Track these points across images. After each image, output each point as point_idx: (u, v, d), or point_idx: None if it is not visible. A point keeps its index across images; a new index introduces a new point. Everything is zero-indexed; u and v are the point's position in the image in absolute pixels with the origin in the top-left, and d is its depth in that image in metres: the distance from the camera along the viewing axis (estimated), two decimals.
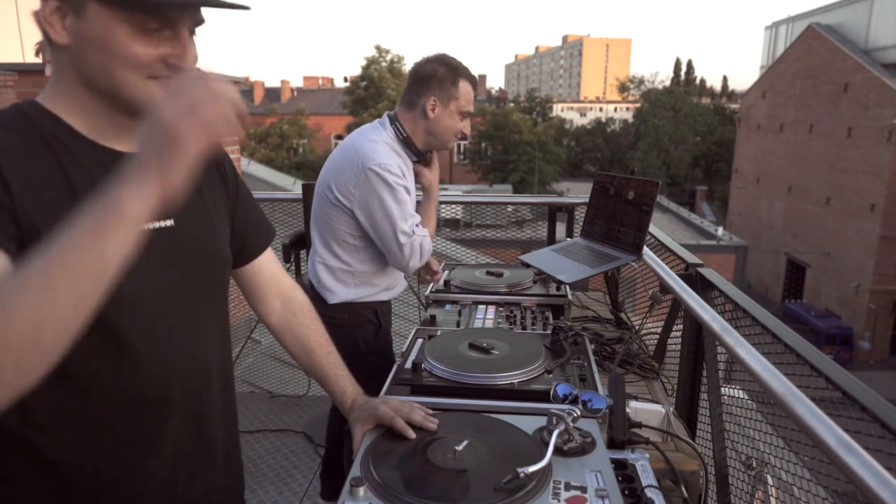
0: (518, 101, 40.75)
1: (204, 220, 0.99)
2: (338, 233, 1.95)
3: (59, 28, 0.80)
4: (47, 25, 0.79)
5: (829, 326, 18.98)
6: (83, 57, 0.81)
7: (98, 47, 0.80)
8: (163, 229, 0.90)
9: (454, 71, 1.96)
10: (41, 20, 0.79)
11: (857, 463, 0.89)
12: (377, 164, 1.84)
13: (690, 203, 37.02)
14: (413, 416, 1.10)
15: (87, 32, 0.79)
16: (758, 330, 1.45)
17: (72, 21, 0.79)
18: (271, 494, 2.66)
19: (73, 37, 0.80)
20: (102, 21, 0.78)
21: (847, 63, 20.25)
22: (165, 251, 0.90)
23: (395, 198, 1.86)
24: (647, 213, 2.07)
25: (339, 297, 1.99)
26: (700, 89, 49.16)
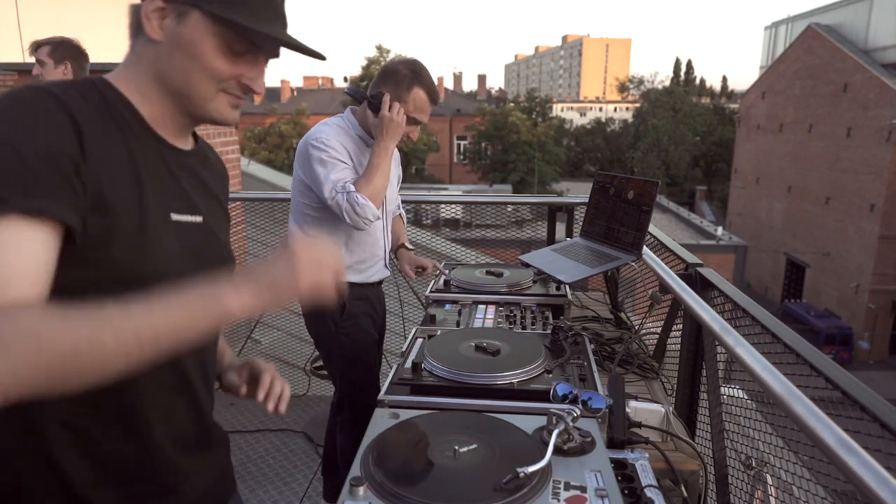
0: (518, 101, 40.75)
1: (222, 221, 1.06)
2: (302, 207, 2.05)
3: (156, 25, 0.86)
4: (146, 20, 0.85)
5: (829, 326, 18.99)
6: (169, 56, 0.87)
7: (187, 52, 0.87)
8: (193, 223, 0.94)
9: (415, 76, 1.98)
10: (143, 15, 0.85)
11: (857, 463, 0.89)
12: (314, 139, 1.96)
13: (690, 203, 37.02)
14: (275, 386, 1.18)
15: (181, 37, 0.86)
16: (757, 330, 1.45)
17: (170, 23, 0.86)
18: (271, 494, 2.66)
19: (167, 37, 0.86)
20: (199, 31, 0.86)
21: (847, 63, 20.26)
22: (195, 244, 0.94)
23: (323, 163, 1.93)
24: (647, 212, 2.07)
25: None
26: (700, 89, 49.15)
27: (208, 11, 0.85)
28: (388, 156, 1.98)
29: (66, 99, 0.79)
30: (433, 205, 5.84)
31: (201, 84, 0.89)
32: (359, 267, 2.11)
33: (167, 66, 0.88)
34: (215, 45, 0.87)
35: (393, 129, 1.96)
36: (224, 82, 0.89)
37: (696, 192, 39.36)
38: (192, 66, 0.87)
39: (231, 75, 0.89)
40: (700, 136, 39.49)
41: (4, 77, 4.46)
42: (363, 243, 2.09)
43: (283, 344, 4.24)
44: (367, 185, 1.92)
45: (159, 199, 0.88)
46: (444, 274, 2.31)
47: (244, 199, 4.07)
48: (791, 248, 23.37)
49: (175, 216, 0.90)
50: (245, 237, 4.56)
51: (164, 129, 0.92)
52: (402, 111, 1.96)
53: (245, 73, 0.90)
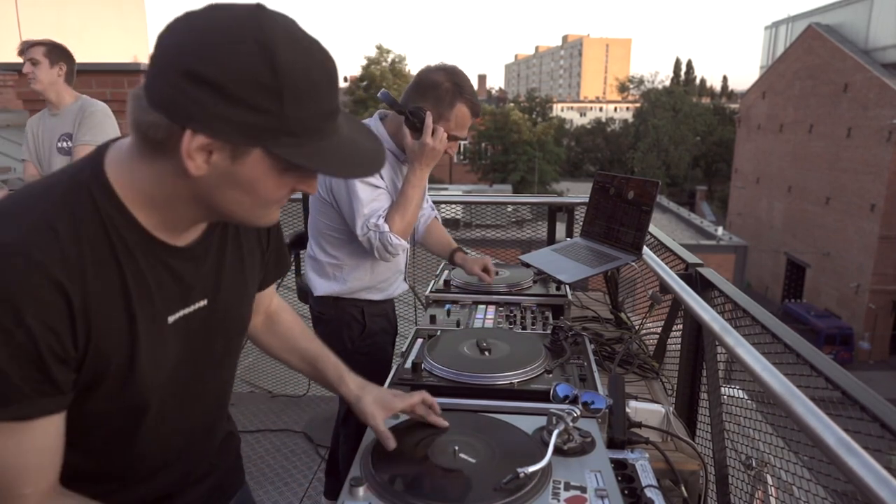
0: (518, 101, 40.75)
1: (239, 288, 0.97)
2: (324, 227, 1.95)
3: (200, 162, 0.71)
4: (188, 159, 0.71)
5: (829, 326, 18.99)
6: (217, 190, 0.76)
7: (244, 189, 0.75)
8: (195, 311, 0.89)
9: (458, 90, 1.81)
10: (185, 153, 0.70)
11: (857, 463, 0.89)
12: None
13: (690, 203, 37.03)
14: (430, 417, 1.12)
15: (236, 175, 0.74)
16: (758, 330, 1.45)
17: (221, 160, 0.72)
18: (271, 494, 2.66)
19: (216, 173, 0.73)
20: (259, 169, 0.74)
21: (847, 63, 20.26)
22: (196, 332, 0.89)
23: (356, 192, 1.81)
24: (647, 213, 2.07)
25: (323, 289, 1.98)
26: (700, 89, 49.17)
27: (273, 152, 0.72)
28: (423, 185, 1.85)
29: (54, 259, 0.70)
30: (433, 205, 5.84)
31: (257, 210, 0.80)
32: (381, 286, 2.03)
33: (214, 198, 0.77)
34: (275, 176, 0.75)
35: (433, 157, 1.82)
36: (281, 200, 0.80)
37: (696, 192, 39.37)
38: (248, 198, 0.77)
39: (288, 189, 0.79)
40: (700, 136, 39.50)
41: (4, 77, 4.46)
42: (386, 263, 1.99)
43: None
44: (401, 220, 1.80)
45: (153, 308, 0.81)
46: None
47: None
48: (791, 248, 23.38)
49: (173, 316, 0.85)
50: None
51: (170, 232, 0.82)
52: (444, 138, 1.80)
53: (302, 183, 0.79)
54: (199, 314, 0.89)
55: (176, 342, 0.86)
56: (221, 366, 0.99)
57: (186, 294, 0.87)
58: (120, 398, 0.81)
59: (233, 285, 0.95)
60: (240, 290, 0.98)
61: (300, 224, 3.27)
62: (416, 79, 1.87)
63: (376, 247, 1.80)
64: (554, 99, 48.62)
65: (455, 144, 1.90)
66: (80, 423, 0.79)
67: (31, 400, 0.71)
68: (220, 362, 0.98)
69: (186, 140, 0.69)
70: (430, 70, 1.85)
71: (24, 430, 0.73)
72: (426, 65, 1.90)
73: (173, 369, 0.87)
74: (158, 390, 0.85)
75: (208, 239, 0.89)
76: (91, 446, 0.84)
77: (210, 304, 0.91)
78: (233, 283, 0.95)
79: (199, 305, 0.89)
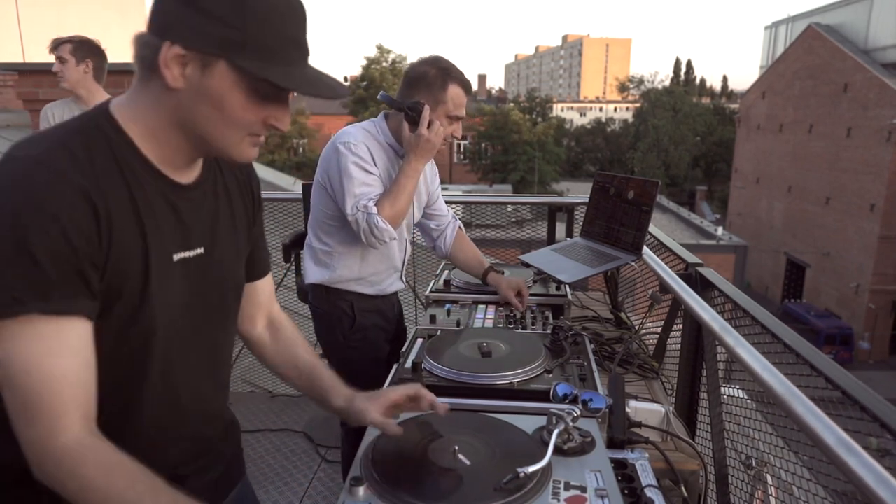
0: (518, 101, 40.76)
1: (231, 245, 1.02)
2: (320, 214, 1.98)
3: (177, 74, 0.80)
4: (165, 68, 0.79)
5: (829, 326, 18.99)
6: (190, 105, 0.83)
7: (213, 104, 0.82)
8: (194, 258, 0.93)
9: (445, 73, 1.89)
10: (162, 62, 0.79)
11: (857, 462, 0.89)
12: (342, 143, 1.88)
13: (690, 203, 37.02)
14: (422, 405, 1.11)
15: (205, 87, 0.81)
16: (757, 330, 1.45)
17: (193, 72, 0.80)
18: (271, 494, 2.66)
19: (188, 85, 0.81)
20: (225, 82, 0.81)
21: (847, 63, 20.25)
22: (194, 279, 0.93)
23: (349, 172, 1.84)
24: (647, 212, 2.07)
25: (313, 276, 2.01)
26: (700, 89, 49.17)
27: (236, 65, 0.80)
28: (416, 176, 1.88)
29: (76, 170, 0.77)
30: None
31: (228, 132, 0.86)
32: (372, 279, 2.03)
33: (190, 115, 0.84)
34: (242, 94, 0.83)
35: (428, 149, 1.86)
36: (251, 128, 0.87)
37: (696, 192, 39.36)
38: (218, 116, 0.84)
39: (258, 120, 0.86)
40: (700, 136, 39.48)
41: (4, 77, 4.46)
42: (378, 255, 2.00)
43: None
44: (391, 207, 1.82)
45: (162, 243, 0.87)
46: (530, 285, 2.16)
47: None
48: (791, 248, 23.37)
49: (177, 255, 0.90)
50: None
51: (171, 166, 0.89)
52: (439, 131, 1.86)
53: (271, 113, 0.87)
54: (198, 262, 0.94)
55: (180, 283, 0.90)
56: (219, 324, 1.01)
57: (187, 235, 0.92)
58: (131, 326, 0.84)
59: (227, 240, 1.00)
60: (233, 247, 1.03)
61: (300, 224, 3.27)
62: (405, 76, 1.95)
63: (363, 228, 1.81)
64: (554, 99, 48.61)
65: (459, 125, 1.97)
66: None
67: (70, 297, 0.76)
68: (218, 320, 1.01)
69: (164, 51, 0.79)
70: (415, 65, 1.95)
71: (64, 331, 0.76)
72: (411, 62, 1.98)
73: (178, 311, 0.90)
74: (165, 329, 0.88)
75: (202, 187, 0.96)
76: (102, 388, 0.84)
77: (207, 253, 0.95)
78: (227, 238, 1.00)
79: (197, 252, 0.94)
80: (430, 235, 2.30)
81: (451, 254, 2.29)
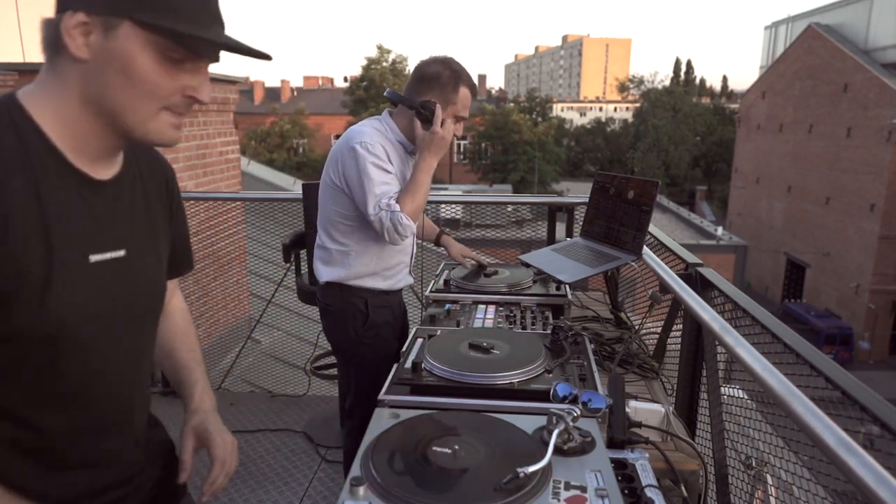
0: (518, 101, 40.76)
1: (152, 245, 0.98)
2: (334, 215, 2.00)
3: (80, 43, 0.76)
4: (68, 38, 0.76)
5: (829, 326, 18.99)
6: (100, 75, 0.78)
7: (120, 69, 0.78)
8: (114, 260, 0.88)
9: (457, 76, 1.95)
10: (64, 31, 0.76)
11: (857, 462, 0.89)
12: (358, 143, 1.90)
13: (690, 203, 37.01)
14: (219, 480, 1.05)
15: (111, 52, 0.77)
16: (757, 330, 1.45)
17: (97, 38, 0.77)
18: (271, 494, 2.66)
19: (95, 54, 0.77)
20: (131, 44, 0.77)
21: (847, 63, 20.26)
22: (114, 282, 0.88)
23: (367, 172, 1.87)
24: (647, 212, 2.07)
25: (327, 275, 2.04)
26: (700, 89, 49.14)
27: (140, 21, 0.76)
28: (431, 172, 1.94)
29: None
30: (433, 204, 5.83)
31: (140, 103, 0.80)
32: (386, 273, 2.06)
33: (98, 87, 0.79)
34: (152, 57, 0.78)
35: (442, 146, 1.93)
36: (166, 98, 0.81)
37: (696, 192, 39.37)
38: (127, 84, 0.79)
39: (173, 89, 0.81)
40: (700, 136, 39.49)
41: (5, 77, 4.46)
42: (393, 250, 2.04)
43: (283, 344, 4.25)
44: (412, 203, 1.87)
45: (72, 243, 0.81)
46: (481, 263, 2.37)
47: (244, 199, 4.08)
48: (791, 248, 23.38)
49: (94, 257, 0.84)
50: (245, 237, 4.56)
51: (85, 157, 0.84)
52: (450, 128, 1.94)
53: (187, 83, 0.82)
54: (118, 264, 0.89)
55: (95, 286, 0.85)
56: (141, 330, 0.97)
57: (105, 235, 0.87)
58: (31, 331, 0.78)
59: (147, 242, 0.96)
60: (154, 250, 0.99)
61: (300, 224, 3.27)
62: (417, 74, 1.99)
63: (387, 227, 1.85)
64: (554, 99, 48.60)
65: (461, 125, 2.04)
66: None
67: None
68: (141, 326, 0.96)
69: (66, 20, 0.75)
70: (427, 64, 1.99)
71: None
72: (420, 60, 2.03)
73: (94, 316, 0.85)
74: (75, 335, 0.83)
75: (120, 183, 0.91)
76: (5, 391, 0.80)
77: (128, 255, 0.91)
78: (147, 240, 0.96)
79: (118, 254, 0.89)
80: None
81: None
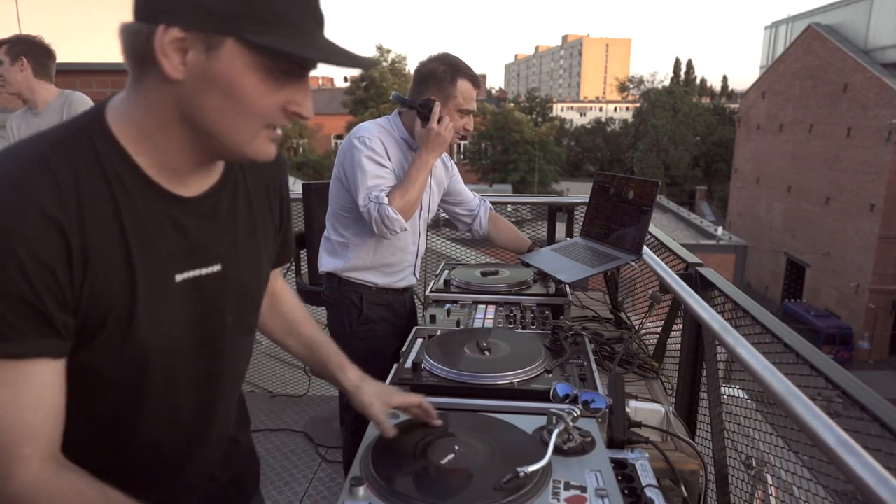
0: (518, 101, 40.76)
1: (252, 260, 0.94)
2: (337, 207, 2.04)
3: (176, 62, 0.69)
4: (163, 57, 0.69)
5: (829, 326, 18.99)
6: (196, 97, 0.72)
7: (223, 91, 0.72)
8: (207, 276, 0.85)
9: (453, 69, 1.95)
10: (158, 49, 0.68)
11: (857, 462, 0.89)
12: (358, 137, 1.94)
13: (690, 203, 37.02)
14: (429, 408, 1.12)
15: (212, 73, 0.70)
16: (757, 329, 1.45)
17: (196, 57, 0.70)
18: (271, 494, 2.66)
19: (193, 74, 0.70)
20: (236, 63, 0.70)
21: (846, 63, 20.26)
22: (208, 296, 0.86)
23: (362, 165, 1.90)
24: (647, 212, 2.07)
25: (327, 265, 2.08)
26: (700, 89, 49.13)
27: (246, 39, 0.69)
28: (427, 169, 1.94)
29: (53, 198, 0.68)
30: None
31: (242, 125, 0.74)
32: (385, 270, 2.07)
33: (196, 109, 0.73)
34: (256, 76, 0.72)
35: (439, 143, 1.93)
36: (268, 117, 0.75)
37: (696, 192, 39.38)
38: (229, 106, 0.72)
39: (276, 106, 0.75)
40: (700, 136, 39.51)
41: None
42: (391, 246, 2.05)
43: None
44: (402, 198, 1.88)
45: (157, 265, 0.78)
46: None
47: None
48: (791, 248, 23.38)
49: (181, 276, 0.81)
50: None
51: (173, 176, 0.79)
52: (449, 126, 1.94)
53: (290, 97, 0.75)
54: (212, 280, 0.85)
55: (184, 305, 0.82)
56: (234, 343, 0.94)
57: (196, 253, 0.83)
58: (119, 356, 0.77)
59: (247, 254, 0.91)
60: (254, 261, 0.94)
61: (300, 224, 3.27)
62: (416, 75, 2.01)
63: (374, 218, 1.86)
64: (554, 99, 48.63)
65: (470, 118, 2.04)
66: (80, 385, 0.76)
67: (27, 339, 0.68)
68: (233, 339, 0.93)
69: (159, 36, 0.68)
70: (424, 63, 2.01)
71: (21, 376, 0.69)
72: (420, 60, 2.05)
73: (180, 334, 0.83)
74: (161, 353, 0.81)
75: (217, 195, 0.86)
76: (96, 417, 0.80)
77: (224, 270, 0.87)
78: (246, 252, 0.91)
79: (212, 270, 0.85)
80: (462, 221, 2.43)
81: (488, 234, 2.44)
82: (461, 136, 2.07)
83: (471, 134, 2.24)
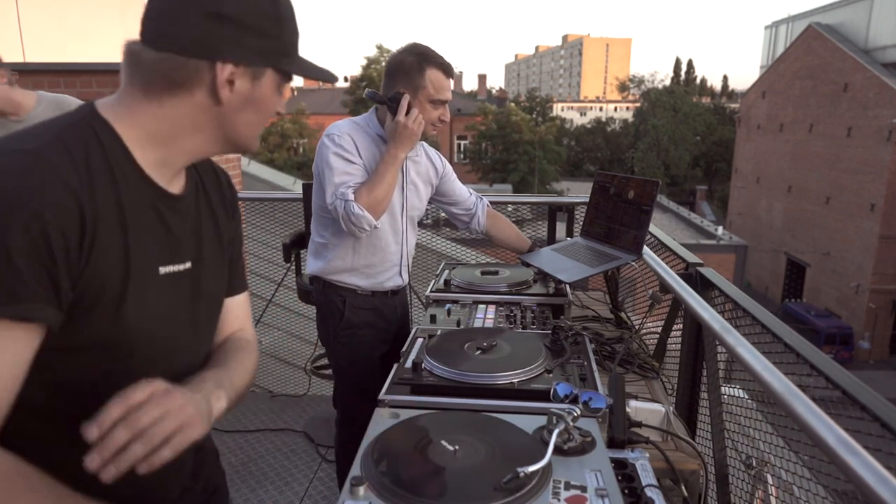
0: (518, 101, 40.77)
1: (215, 258, 1.00)
2: (317, 208, 2.02)
3: (227, 91, 0.84)
4: (223, 89, 0.83)
5: (829, 326, 18.99)
6: (237, 114, 0.87)
7: (258, 108, 0.88)
8: (180, 272, 0.91)
9: (421, 58, 1.89)
10: (220, 84, 0.82)
11: (857, 462, 0.89)
12: (328, 135, 1.93)
13: (690, 203, 37.03)
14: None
15: (253, 97, 0.87)
16: (758, 329, 1.45)
17: (243, 86, 0.85)
18: (271, 494, 2.66)
19: (238, 99, 0.85)
20: (270, 86, 0.88)
21: (847, 63, 20.25)
22: (181, 294, 0.91)
23: (329, 162, 1.89)
24: (647, 212, 2.07)
25: (311, 267, 2.07)
26: (700, 89, 49.15)
27: (281, 69, 0.88)
28: (396, 164, 1.88)
29: (73, 170, 0.74)
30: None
31: (261, 127, 0.92)
32: (366, 271, 2.02)
33: (231, 125, 0.88)
34: (276, 92, 0.90)
35: (406, 136, 1.87)
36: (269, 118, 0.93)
37: (696, 192, 39.38)
38: (257, 118, 0.89)
39: (276, 109, 0.93)
40: (700, 135, 39.52)
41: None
42: (371, 246, 2.00)
43: (283, 344, 4.24)
44: (368, 194, 1.84)
45: (146, 255, 0.84)
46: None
47: (244, 199, 4.07)
48: (791, 248, 23.38)
49: (163, 269, 0.87)
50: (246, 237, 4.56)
51: (164, 172, 0.88)
52: (418, 118, 1.88)
53: (280, 101, 0.93)
54: (185, 276, 0.92)
55: (166, 297, 0.87)
56: (202, 340, 0.99)
57: (175, 248, 0.90)
58: (104, 340, 0.80)
59: (212, 254, 0.98)
60: (218, 262, 1.01)
61: (300, 224, 3.27)
62: (385, 67, 1.98)
63: (341, 215, 1.84)
64: (554, 99, 48.62)
65: (444, 109, 1.98)
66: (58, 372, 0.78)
67: (39, 302, 0.71)
68: (202, 337, 0.99)
69: (219, 72, 0.82)
70: (392, 55, 1.97)
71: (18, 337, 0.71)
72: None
73: (160, 327, 0.87)
74: (144, 344, 0.84)
75: (190, 197, 0.95)
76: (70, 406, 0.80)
77: (194, 267, 0.94)
78: (212, 252, 0.98)
79: (185, 267, 0.92)
80: (460, 220, 2.38)
81: (487, 232, 2.39)
82: (439, 128, 2.01)
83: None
